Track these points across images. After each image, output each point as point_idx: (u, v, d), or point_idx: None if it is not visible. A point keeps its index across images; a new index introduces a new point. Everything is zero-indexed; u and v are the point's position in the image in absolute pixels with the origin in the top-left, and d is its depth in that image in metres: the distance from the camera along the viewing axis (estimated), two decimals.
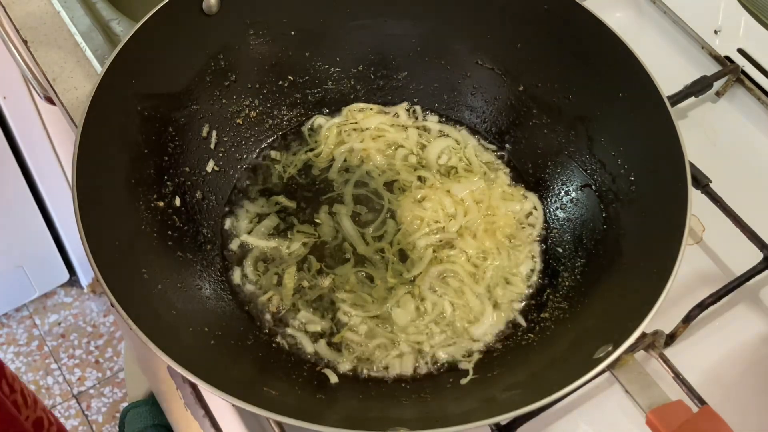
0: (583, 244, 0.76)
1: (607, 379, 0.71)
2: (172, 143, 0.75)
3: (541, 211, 0.81)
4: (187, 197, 0.76)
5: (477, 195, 0.81)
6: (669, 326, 0.71)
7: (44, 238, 1.60)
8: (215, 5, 0.75)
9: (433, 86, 0.87)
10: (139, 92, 0.71)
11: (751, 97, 0.90)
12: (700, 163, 0.79)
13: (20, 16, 0.91)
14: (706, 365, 0.73)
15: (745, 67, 0.91)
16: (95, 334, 1.83)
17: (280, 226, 0.79)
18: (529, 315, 0.74)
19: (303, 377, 0.68)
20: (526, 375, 0.65)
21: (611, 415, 0.70)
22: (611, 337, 0.58)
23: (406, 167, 0.83)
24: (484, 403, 0.63)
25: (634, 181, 0.72)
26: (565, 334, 0.68)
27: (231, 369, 0.64)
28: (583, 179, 0.78)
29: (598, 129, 0.76)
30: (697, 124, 0.90)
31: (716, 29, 0.95)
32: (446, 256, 0.77)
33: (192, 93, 0.77)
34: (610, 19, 0.73)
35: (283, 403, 0.61)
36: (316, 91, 0.86)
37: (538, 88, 0.81)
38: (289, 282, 0.75)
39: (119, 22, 0.91)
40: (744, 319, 0.76)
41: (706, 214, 0.79)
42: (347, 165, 0.83)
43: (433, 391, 0.68)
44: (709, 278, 0.77)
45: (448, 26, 0.83)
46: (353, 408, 0.67)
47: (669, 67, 0.93)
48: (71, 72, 0.87)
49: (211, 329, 0.67)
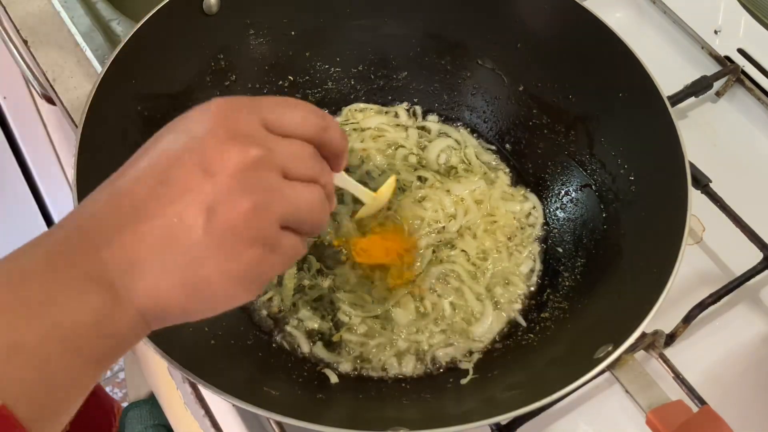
0: (583, 244, 0.76)
1: (607, 379, 0.71)
2: None
3: (541, 211, 0.81)
4: None
5: (477, 195, 0.81)
6: (669, 326, 0.71)
7: None
8: (215, 5, 0.75)
9: (433, 86, 0.87)
10: (139, 92, 0.71)
11: (751, 97, 0.90)
12: (700, 163, 0.79)
13: (20, 16, 0.91)
14: (706, 365, 0.73)
15: (745, 67, 0.91)
16: None
17: None
18: (529, 315, 0.74)
19: (303, 377, 0.68)
20: (526, 375, 0.65)
21: (611, 415, 0.70)
22: (611, 337, 0.58)
23: (406, 167, 0.83)
24: (484, 403, 0.63)
25: (634, 181, 0.72)
26: (565, 334, 0.68)
27: (231, 369, 0.64)
28: (583, 179, 0.78)
29: (598, 129, 0.76)
30: (697, 124, 0.90)
31: (716, 29, 0.95)
32: (446, 256, 0.77)
33: (192, 93, 0.77)
34: (610, 19, 0.73)
35: (283, 403, 0.61)
36: (316, 91, 0.86)
37: (538, 88, 0.81)
38: (290, 282, 0.75)
39: (119, 22, 0.91)
40: (744, 319, 0.76)
41: (706, 214, 0.79)
42: (347, 165, 0.83)
43: (433, 391, 0.68)
44: (709, 278, 0.77)
45: (448, 26, 0.83)
46: (353, 408, 0.67)
47: (669, 67, 0.93)
48: (71, 72, 0.87)
49: (211, 329, 0.67)
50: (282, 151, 0.45)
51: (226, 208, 0.42)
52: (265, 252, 0.44)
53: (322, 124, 0.49)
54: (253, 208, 0.42)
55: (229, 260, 0.42)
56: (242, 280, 0.43)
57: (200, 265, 0.42)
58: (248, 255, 0.43)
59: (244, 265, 0.43)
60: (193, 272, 0.42)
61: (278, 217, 0.44)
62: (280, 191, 0.44)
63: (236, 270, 0.43)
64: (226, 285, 0.43)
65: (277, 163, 0.44)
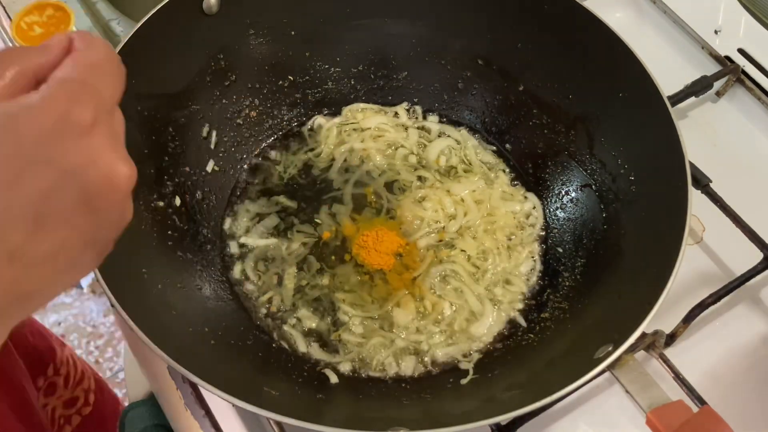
0: (583, 244, 0.76)
1: (607, 379, 0.71)
2: (172, 143, 0.75)
3: (541, 211, 0.81)
4: (187, 197, 0.75)
5: (477, 195, 0.81)
6: (669, 326, 0.71)
7: None
8: (215, 5, 0.75)
9: (433, 86, 0.87)
10: (139, 92, 0.71)
11: (751, 97, 0.90)
12: (700, 163, 0.79)
13: None
14: (706, 365, 0.73)
15: (746, 67, 0.91)
16: (95, 334, 1.83)
17: (280, 226, 0.79)
18: (529, 315, 0.74)
19: (303, 377, 0.68)
20: (526, 375, 0.65)
21: (611, 415, 0.70)
22: (611, 337, 0.58)
23: (406, 167, 0.83)
24: (484, 403, 0.63)
25: (634, 181, 0.72)
26: (565, 334, 0.68)
27: (231, 369, 0.64)
28: (583, 179, 0.78)
29: (599, 129, 0.76)
30: (697, 124, 0.90)
31: (716, 29, 0.95)
32: (446, 256, 0.77)
33: (192, 93, 0.77)
34: (610, 19, 0.73)
35: (283, 403, 0.61)
36: (316, 91, 0.86)
37: (538, 88, 0.81)
38: (290, 283, 0.75)
39: (119, 22, 0.91)
40: (744, 319, 0.76)
41: (706, 214, 0.79)
42: (347, 165, 0.83)
43: (433, 391, 0.68)
44: (709, 278, 0.77)
45: (448, 26, 0.83)
46: (353, 408, 0.67)
47: (669, 67, 0.93)
48: None
49: (211, 329, 0.67)
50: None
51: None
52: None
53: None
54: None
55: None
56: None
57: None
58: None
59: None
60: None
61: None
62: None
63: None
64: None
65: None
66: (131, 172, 0.40)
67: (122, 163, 0.39)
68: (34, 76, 0.38)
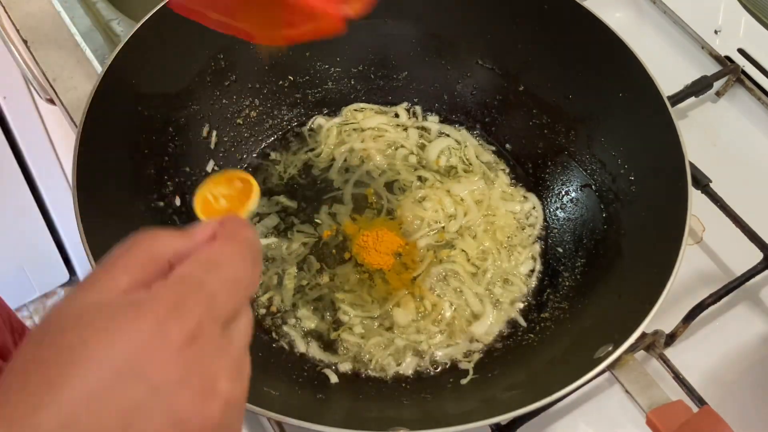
0: (583, 244, 0.76)
1: (607, 379, 0.71)
2: (172, 143, 0.75)
3: (540, 211, 0.81)
4: (187, 197, 0.75)
5: (477, 195, 0.81)
6: (669, 326, 0.71)
7: (44, 239, 1.60)
8: None
9: (433, 86, 0.87)
10: (139, 92, 0.71)
11: (751, 97, 0.90)
12: (700, 163, 0.79)
13: (20, 16, 0.91)
14: (706, 365, 0.73)
15: (745, 67, 0.91)
16: None
17: (280, 226, 0.79)
18: (529, 315, 0.74)
19: (303, 377, 0.68)
20: (526, 375, 0.65)
21: (611, 415, 0.70)
22: (611, 337, 0.58)
23: (406, 167, 0.83)
24: (484, 403, 0.63)
25: (634, 181, 0.72)
26: (565, 334, 0.68)
27: None
28: (583, 179, 0.78)
29: (598, 129, 0.76)
30: (697, 124, 0.90)
31: (716, 29, 0.95)
32: (446, 256, 0.77)
33: (192, 93, 0.77)
34: (610, 19, 0.73)
35: (283, 403, 0.61)
36: (316, 91, 0.86)
37: (538, 88, 0.81)
38: (290, 283, 0.75)
39: (119, 22, 0.91)
40: (744, 319, 0.76)
41: (706, 214, 0.79)
42: (347, 165, 0.83)
43: (433, 391, 0.68)
44: (709, 278, 0.77)
45: (448, 26, 0.83)
46: (353, 408, 0.67)
47: (669, 67, 0.93)
48: (71, 72, 0.87)
49: None
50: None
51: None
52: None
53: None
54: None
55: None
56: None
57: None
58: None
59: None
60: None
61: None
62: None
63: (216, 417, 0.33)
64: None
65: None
66: (231, 395, 0.34)
67: (224, 383, 0.34)
68: (168, 263, 0.36)
